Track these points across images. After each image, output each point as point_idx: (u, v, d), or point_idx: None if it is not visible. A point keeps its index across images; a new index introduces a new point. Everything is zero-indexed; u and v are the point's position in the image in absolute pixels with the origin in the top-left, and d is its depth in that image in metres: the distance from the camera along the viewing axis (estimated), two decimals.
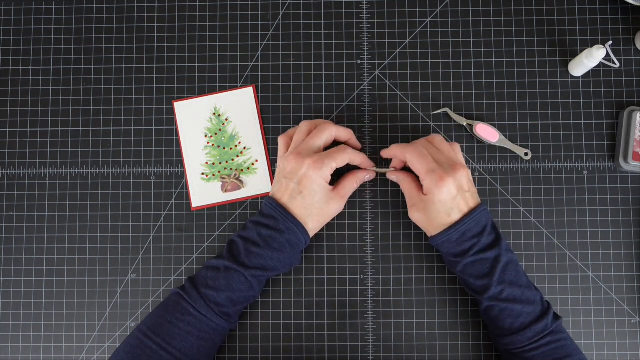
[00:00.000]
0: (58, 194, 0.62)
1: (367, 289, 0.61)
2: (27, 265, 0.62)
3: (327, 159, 0.53)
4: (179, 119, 0.63)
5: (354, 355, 0.60)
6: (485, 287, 0.52)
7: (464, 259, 0.52)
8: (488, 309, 0.53)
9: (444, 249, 0.54)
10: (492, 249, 0.52)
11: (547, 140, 0.62)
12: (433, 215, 0.52)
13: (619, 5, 0.64)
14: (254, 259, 0.53)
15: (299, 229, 0.53)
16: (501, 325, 0.52)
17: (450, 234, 0.52)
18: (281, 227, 0.53)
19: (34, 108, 0.63)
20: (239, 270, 0.52)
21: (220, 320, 0.53)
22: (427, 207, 0.53)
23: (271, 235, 0.53)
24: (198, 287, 0.53)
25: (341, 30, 0.64)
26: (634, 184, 0.61)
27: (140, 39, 0.64)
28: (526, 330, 0.51)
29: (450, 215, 0.52)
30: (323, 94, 0.63)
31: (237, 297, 0.53)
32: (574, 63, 0.61)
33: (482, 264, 0.52)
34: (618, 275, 0.60)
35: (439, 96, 0.63)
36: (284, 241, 0.53)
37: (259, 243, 0.53)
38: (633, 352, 0.59)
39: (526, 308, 0.51)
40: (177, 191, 0.62)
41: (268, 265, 0.53)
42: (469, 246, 0.52)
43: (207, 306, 0.52)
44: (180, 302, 0.53)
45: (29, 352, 0.60)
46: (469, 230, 0.52)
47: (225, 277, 0.53)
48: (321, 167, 0.53)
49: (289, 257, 0.54)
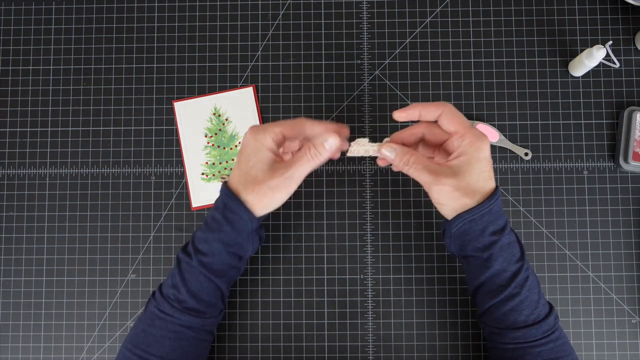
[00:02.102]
0: (58, 194, 0.62)
1: (367, 289, 0.61)
2: (27, 265, 0.62)
3: (269, 124, 0.48)
4: (179, 119, 0.63)
5: (354, 355, 0.60)
6: (515, 273, 0.47)
7: (502, 236, 0.47)
8: (507, 300, 0.48)
9: (482, 225, 0.46)
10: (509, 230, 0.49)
11: (547, 140, 0.62)
12: (474, 178, 0.46)
13: (619, 5, 0.64)
14: (197, 245, 0.50)
15: (234, 202, 0.48)
16: (515, 318, 0.48)
17: (492, 204, 0.46)
18: (218, 204, 0.49)
19: (34, 108, 0.63)
20: (186, 260, 0.50)
21: (189, 317, 0.50)
22: (463, 170, 0.46)
23: (212, 215, 0.49)
24: (162, 287, 0.51)
25: (341, 30, 0.64)
26: (634, 184, 0.61)
27: (140, 39, 0.64)
28: (541, 323, 0.48)
29: (492, 177, 0.47)
30: (323, 94, 0.63)
31: (195, 289, 0.50)
32: (574, 63, 0.61)
33: (513, 245, 0.47)
34: (618, 275, 0.60)
35: (439, 96, 0.63)
36: (221, 218, 0.48)
37: (202, 227, 0.50)
38: (633, 352, 0.59)
39: (541, 300, 0.49)
40: (177, 191, 0.62)
41: (211, 249, 0.49)
42: (504, 222, 0.47)
43: (171, 306, 0.49)
44: (149, 308, 0.51)
45: (29, 352, 0.60)
46: (501, 205, 0.47)
47: (179, 271, 0.50)
48: (258, 130, 0.48)
49: (230, 237, 0.49)
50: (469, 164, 0.45)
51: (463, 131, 0.46)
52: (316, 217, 0.61)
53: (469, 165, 0.45)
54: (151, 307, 0.51)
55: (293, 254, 0.61)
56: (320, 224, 0.61)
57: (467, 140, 0.46)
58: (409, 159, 0.48)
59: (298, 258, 0.61)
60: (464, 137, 0.46)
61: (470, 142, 0.46)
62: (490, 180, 0.47)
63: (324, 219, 0.61)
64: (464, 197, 0.46)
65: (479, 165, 0.46)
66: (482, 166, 0.46)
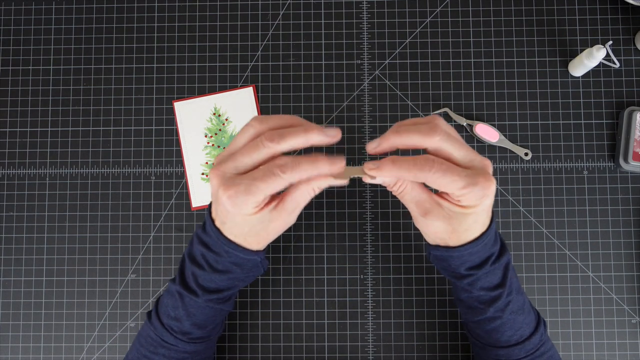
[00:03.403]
0: (58, 194, 0.62)
1: (367, 289, 0.61)
2: (27, 265, 0.62)
3: (243, 195, 0.39)
4: (179, 119, 0.63)
5: (354, 355, 0.60)
6: (495, 298, 0.45)
7: (481, 270, 0.44)
8: (489, 320, 0.47)
9: (459, 261, 0.44)
10: (503, 254, 0.45)
11: (547, 140, 0.62)
12: (464, 227, 0.42)
13: (619, 5, 0.64)
14: (203, 284, 0.46)
15: (238, 251, 0.44)
16: (498, 337, 0.47)
17: (481, 243, 0.43)
18: (219, 250, 0.45)
19: (34, 108, 0.63)
20: (191, 297, 0.46)
21: (194, 345, 0.48)
22: (455, 218, 0.41)
23: (213, 258, 0.45)
24: (161, 317, 0.48)
25: (341, 30, 0.64)
26: (634, 184, 0.61)
27: (140, 39, 0.64)
28: (525, 343, 0.47)
29: (485, 223, 0.43)
30: (323, 94, 0.63)
31: (201, 321, 0.47)
32: (574, 63, 0.61)
33: (495, 273, 0.45)
34: (618, 275, 0.60)
35: (439, 96, 0.63)
36: (228, 263, 0.45)
37: (203, 266, 0.45)
38: (633, 352, 0.59)
39: (527, 319, 0.47)
40: (177, 191, 0.62)
41: (220, 286, 0.46)
42: (488, 254, 0.44)
43: (174, 338, 0.47)
44: (150, 334, 0.48)
45: (29, 352, 0.60)
46: (492, 237, 0.44)
47: (183, 305, 0.46)
48: (238, 204, 0.40)
49: (241, 274, 0.47)
50: (463, 215, 0.41)
51: (462, 191, 0.39)
52: (316, 217, 0.61)
53: (463, 216, 0.41)
54: (151, 333, 0.48)
55: (293, 254, 0.61)
56: (320, 224, 0.61)
57: (467, 199, 0.40)
58: (397, 188, 0.43)
59: (298, 258, 0.61)
60: (464, 197, 0.40)
61: (471, 201, 0.40)
62: (482, 227, 0.43)
63: (324, 219, 0.61)
64: (447, 239, 0.43)
65: (475, 217, 0.41)
66: (478, 217, 0.41)
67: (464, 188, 0.39)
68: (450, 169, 0.39)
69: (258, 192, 0.39)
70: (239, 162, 0.40)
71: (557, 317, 0.60)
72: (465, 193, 0.39)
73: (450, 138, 0.40)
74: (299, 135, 0.39)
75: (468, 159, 0.40)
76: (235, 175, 0.40)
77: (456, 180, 0.39)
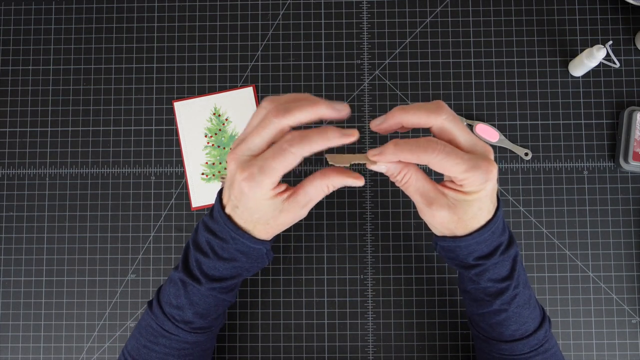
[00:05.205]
0: (58, 194, 0.62)
1: (367, 289, 0.61)
2: (27, 265, 0.62)
3: (258, 175, 0.39)
4: (179, 119, 0.63)
5: (354, 355, 0.60)
6: (502, 290, 0.45)
7: (490, 260, 0.44)
8: (494, 313, 0.46)
9: (467, 250, 0.44)
10: (512, 245, 0.45)
11: (547, 140, 0.62)
12: (469, 215, 0.41)
13: (619, 5, 0.64)
14: (207, 272, 0.46)
15: (245, 239, 0.44)
16: (502, 331, 0.47)
17: (488, 231, 0.43)
18: (225, 237, 0.44)
19: (34, 108, 0.63)
20: (194, 285, 0.46)
21: (195, 336, 0.48)
22: (459, 206, 0.41)
23: (219, 245, 0.45)
24: (163, 306, 0.47)
25: (341, 30, 0.64)
26: (634, 184, 0.61)
27: (140, 39, 0.64)
28: (529, 338, 0.46)
29: (491, 210, 0.42)
30: (323, 94, 0.63)
31: (203, 310, 0.47)
32: (574, 63, 0.61)
33: (503, 265, 0.45)
34: (618, 275, 0.60)
35: (439, 96, 0.63)
36: (234, 251, 0.45)
37: (208, 253, 0.45)
38: (633, 352, 0.59)
39: (532, 314, 0.47)
40: (177, 191, 0.62)
41: (224, 274, 0.46)
42: (497, 244, 0.44)
43: (176, 327, 0.47)
44: (150, 324, 0.48)
45: (29, 352, 0.60)
46: (499, 225, 0.44)
47: (185, 293, 0.46)
48: (254, 185, 0.40)
49: (245, 263, 0.46)
50: (467, 202, 0.41)
51: (464, 175, 0.39)
52: (316, 217, 0.61)
53: (467, 203, 0.41)
54: (152, 322, 0.48)
55: (293, 254, 0.61)
56: (320, 224, 0.61)
57: (469, 183, 0.40)
58: (402, 177, 0.42)
59: (298, 258, 0.61)
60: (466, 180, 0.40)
61: (473, 185, 0.40)
62: (488, 214, 0.42)
63: (324, 219, 0.61)
64: (454, 229, 0.43)
65: (479, 204, 0.41)
66: (482, 203, 0.41)
67: (467, 171, 0.39)
68: (453, 152, 0.39)
69: (271, 171, 0.39)
70: (250, 143, 0.40)
71: (557, 317, 0.60)
72: (467, 177, 0.39)
73: (455, 119, 0.40)
74: (305, 109, 0.39)
75: (471, 142, 0.40)
76: (249, 157, 0.40)
77: (459, 163, 0.38)
